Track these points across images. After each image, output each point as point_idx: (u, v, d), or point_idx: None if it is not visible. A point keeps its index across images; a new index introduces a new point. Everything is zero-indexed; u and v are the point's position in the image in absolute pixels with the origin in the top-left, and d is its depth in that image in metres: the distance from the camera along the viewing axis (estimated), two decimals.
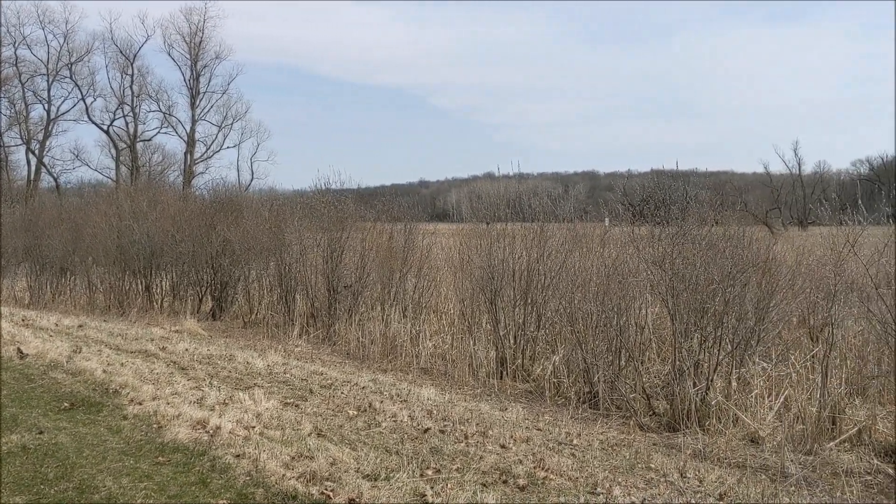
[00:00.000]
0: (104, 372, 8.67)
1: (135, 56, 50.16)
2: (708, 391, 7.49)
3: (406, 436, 6.44)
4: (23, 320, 13.78)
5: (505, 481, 5.29)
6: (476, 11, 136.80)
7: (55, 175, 49.07)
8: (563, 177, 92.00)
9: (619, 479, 5.45)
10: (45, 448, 5.89)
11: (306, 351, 11.72)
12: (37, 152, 47.77)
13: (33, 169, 47.98)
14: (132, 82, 50.24)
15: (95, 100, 50.13)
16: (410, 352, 10.99)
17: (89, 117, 49.63)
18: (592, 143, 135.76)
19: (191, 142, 51.79)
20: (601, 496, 5.05)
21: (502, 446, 6.22)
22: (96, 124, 50.13)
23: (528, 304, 10.10)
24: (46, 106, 48.15)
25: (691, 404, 7.39)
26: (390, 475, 5.25)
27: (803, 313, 9.89)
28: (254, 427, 6.40)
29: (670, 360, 8.15)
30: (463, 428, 6.72)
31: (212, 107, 52.65)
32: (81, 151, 50.42)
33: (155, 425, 6.52)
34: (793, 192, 64.68)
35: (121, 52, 49.74)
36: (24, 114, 47.59)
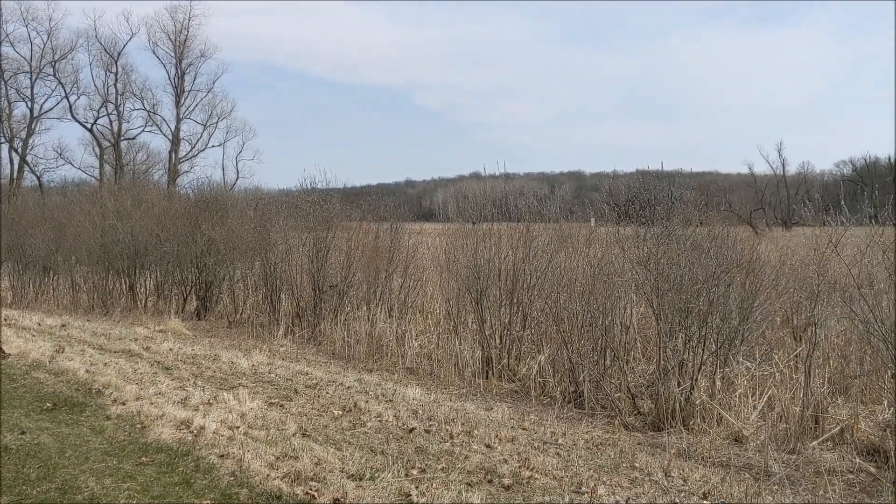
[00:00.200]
0: (87, 372, 8.60)
1: (119, 54, 49.78)
2: (692, 390, 7.52)
3: (391, 436, 6.44)
4: (5, 320, 13.65)
5: (490, 481, 5.29)
6: (461, 11, 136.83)
7: (38, 174, 48.66)
8: (549, 177, 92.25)
9: (604, 479, 5.46)
10: (28, 448, 5.84)
11: (291, 351, 11.68)
12: (20, 151, 47.29)
13: (16, 167, 47.47)
14: (116, 80, 49.86)
15: (79, 98, 49.68)
16: (396, 351, 10.98)
17: (73, 115, 49.23)
18: (578, 144, 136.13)
19: (175, 140, 51.46)
20: (586, 495, 5.06)
21: (487, 446, 6.22)
22: (80, 122, 49.76)
23: (513, 304, 10.11)
24: (29, 104, 47.71)
25: (676, 404, 7.42)
26: (375, 475, 5.24)
27: (787, 313, 9.95)
28: (238, 427, 6.38)
29: (655, 360, 8.18)
30: (448, 428, 6.72)
31: (197, 105, 52.33)
32: (65, 150, 50.20)
33: (138, 425, 6.48)
34: (777, 193, 65.07)
35: (105, 50, 49.34)
36: (7, 112, 47.06)
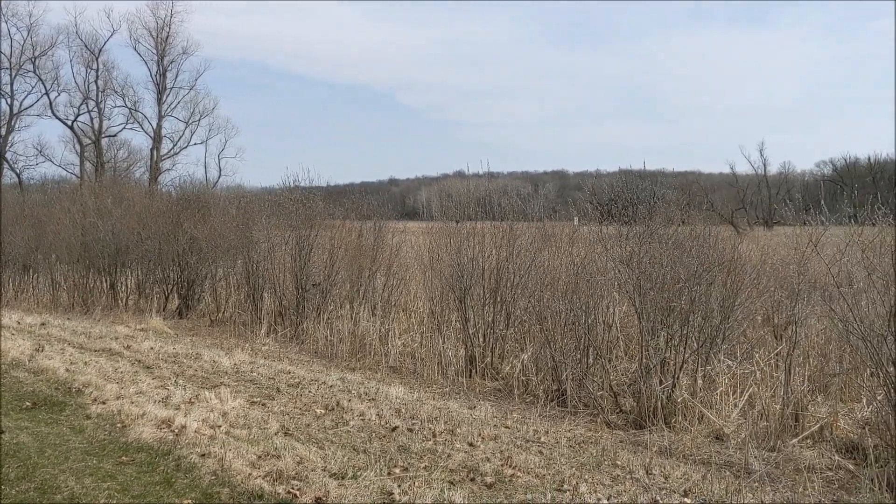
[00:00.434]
0: (67, 371, 8.54)
1: (100, 51, 49.29)
2: (674, 389, 7.56)
3: (374, 434, 6.43)
4: None
5: (472, 479, 5.30)
6: (446, 11, 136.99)
7: (18, 171, 48.02)
8: (532, 176, 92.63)
9: (586, 476, 5.48)
10: (7, 448, 5.78)
11: (274, 349, 11.63)
12: None
13: None
14: (97, 77, 49.38)
15: (59, 94, 49.09)
16: (379, 350, 10.96)
17: (53, 112, 48.68)
18: (562, 143, 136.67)
19: (157, 138, 51.05)
20: (568, 493, 5.08)
21: (470, 444, 6.22)
22: (60, 119, 49.22)
23: (497, 303, 10.12)
24: (9, 100, 47.06)
25: (657, 402, 7.46)
26: (357, 474, 5.23)
27: (768, 312, 10.03)
28: (220, 426, 6.35)
29: (637, 358, 8.22)
30: (431, 426, 6.72)
31: (179, 103, 51.90)
32: (45, 147, 49.44)
33: (119, 424, 6.44)
34: (758, 193, 65.59)
35: (86, 47, 48.83)
36: None
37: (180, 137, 52.36)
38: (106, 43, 49.81)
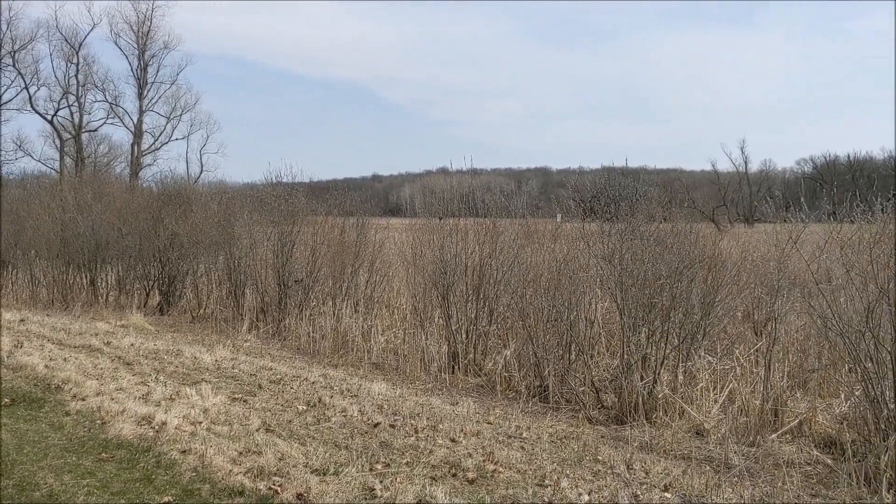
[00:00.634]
0: (46, 367, 8.47)
1: (80, 45, 48.93)
2: (655, 384, 7.61)
3: (356, 430, 6.42)
4: None
5: (454, 475, 5.31)
6: (429, 9, 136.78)
7: None
8: (516, 172, 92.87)
9: (567, 472, 5.51)
10: None
11: (256, 346, 11.59)
12: None
13: None
14: (77, 71, 49.00)
15: (39, 89, 48.71)
16: (362, 347, 10.95)
17: (33, 107, 48.26)
18: (545, 141, 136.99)
19: (138, 133, 50.71)
20: (549, 488, 5.10)
21: (452, 440, 6.23)
22: (40, 114, 48.80)
23: (480, 299, 10.13)
24: None
25: (639, 397, 7.50)
26: (339, 469, 5.23)
27: (748, 308, 10.09)
28: (201, 422, 6.32)
29: (619, 354, 8.25)
30: (413, 422, 6.72)
31: (160, 97, 51.65)
32: (24, 142, 48.94)
33: (98, 421, 6.39)
34: (739, 190, 65.94)
35: (66, 41, 48.45)
36: None
37: (161, 132, 52.15)
38: (86, 37, 49.71)
